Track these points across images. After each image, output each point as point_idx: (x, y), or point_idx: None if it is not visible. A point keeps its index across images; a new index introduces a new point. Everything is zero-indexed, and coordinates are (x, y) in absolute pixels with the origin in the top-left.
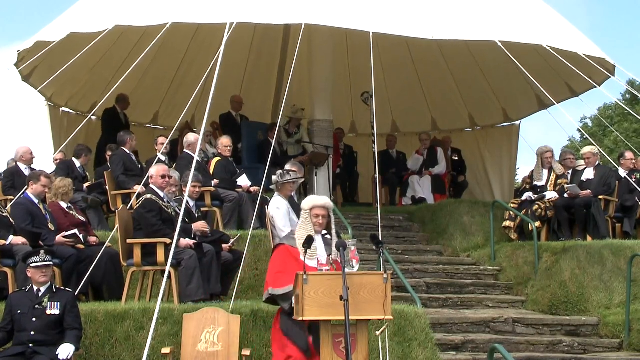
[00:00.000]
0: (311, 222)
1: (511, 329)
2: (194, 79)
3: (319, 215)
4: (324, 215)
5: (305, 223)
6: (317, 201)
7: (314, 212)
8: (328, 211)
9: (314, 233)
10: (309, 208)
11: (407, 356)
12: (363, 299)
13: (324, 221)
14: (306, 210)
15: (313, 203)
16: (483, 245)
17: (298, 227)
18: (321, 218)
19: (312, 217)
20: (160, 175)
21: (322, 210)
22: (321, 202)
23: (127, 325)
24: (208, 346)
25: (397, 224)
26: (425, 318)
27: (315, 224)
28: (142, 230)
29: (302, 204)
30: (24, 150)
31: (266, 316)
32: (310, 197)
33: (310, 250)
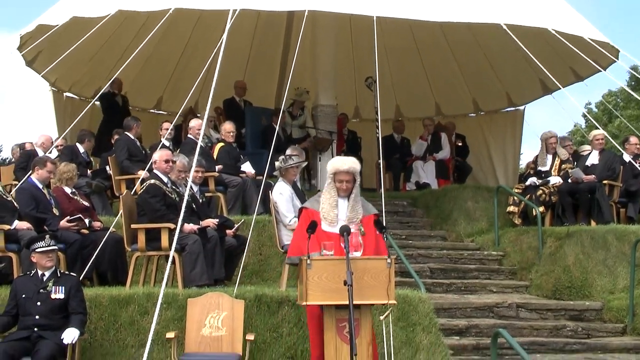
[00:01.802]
0: (335, 186)
1: (515, 313)
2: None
3: (342, 180)
4: (349, 180)
5: (329, 188)
6: (341, 165)
7: (338, 177)
8: (353, 175)
9: (337, 198)
10: (332, 173)
11: (410, 341)
12: (367, 283)
13: (349, 186)
14: (330, 175)
15: (337, 167)
16: (487, 230)
17: (324, 190)
18: (345, 183)
19: (335, 182)
20: (164, 160)
21: (346, 175)
22: (345, 167)
23: (132, 310)
24: (212, 331)
25: (401, 209)
26: (429, 303)
27: (339, 189)
28: (146, 215)
29: (327, 167)
30: (46, 138)
31: (270, 301)
32: (335, 159)
33: (332, 216)
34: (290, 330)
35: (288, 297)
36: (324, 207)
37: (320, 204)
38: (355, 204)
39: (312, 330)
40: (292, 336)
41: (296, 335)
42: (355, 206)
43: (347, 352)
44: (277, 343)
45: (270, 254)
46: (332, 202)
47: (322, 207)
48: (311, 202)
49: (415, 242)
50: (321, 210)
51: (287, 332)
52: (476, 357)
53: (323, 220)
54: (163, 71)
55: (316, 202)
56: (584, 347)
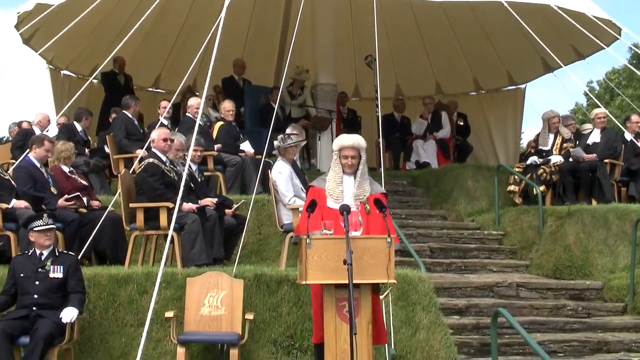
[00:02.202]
0: (340, 163)
1: (515, 293)
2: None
3: (347, 156)
4: (354, 155)
5: (335, 164)
6: (346, 141)
7: (343, 153)
8: (359, 151)
9: (342, 175)
10: (338, 149)
11: (410, 320)
12: (366, 263)
13: (355, 162)
14: (335, 152)
15: (341, 143)
16: (487, 209)
17: (330, 168)
18: (350, 159)
19: (341, 158)
20: (162, 138)
21: (351, 151)
22: (350, 142)
23: (131, 289)
24: (211, 310)
25: (401, 189)
26: (428, 282)
27: (344, 165)
28: (145, 194)
29: (333, 144)
30: (43, 117)
31: (269, 280)
32: (341, 136)
33: (337, 192)
34: (289, 309)
35: (287, 277)
36: (329, 184)
37: (327, 181)
38: (363, 180)
39: (316, 310)
40: (291, 316)
41: (296, 315)
42: (362, 183)
43: (346, 331)
44: (276, 322)
45: (270, 233)
46: (337, 178)
47: (327, 184)
48: (318, 181)
49: (415, 221)
50: (327, 187)
51: (287, 311)
52: (476, 337)
53: (329, 197)
54: (161, 49)
55: (323, 181)
56: (584, 326)
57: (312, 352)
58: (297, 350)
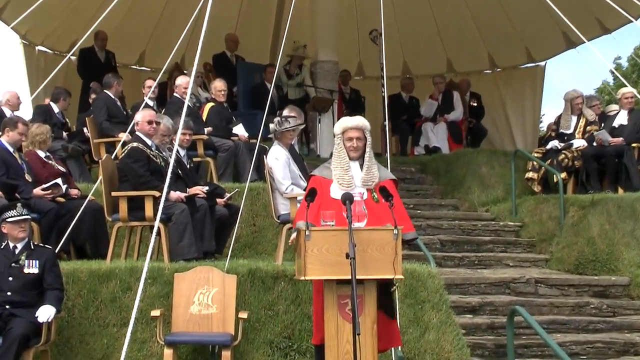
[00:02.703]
0: (344, 147)
1: (533, 290)
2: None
3: (352, 138)
4: (359, 137)
5: (338, 150)
6: (349, 122)
7: (347, 135)
8: (364, 132)
9: (348, 159)
10: (341, 131)
11: (419, 319)
12: (371, 256)
13: (360, 144)
14: (338, 135)
15: (344, 125)
16: (503, 198)
17: (333, 154)
18: (355, 141)
19: (345, 141)
20: (147, 121)
21: (356, 132)
22: (354, 122)
23: (113, 286)
24: (201, 308)
25: (409, 176)
26: (439, 278)
27: (349, 149)
28: (128, 181)
29: (334, 128)
30: (11, 95)
31: (265, 276)
32: (343, 118)
33: (346, 179)
34: (287, 308)
35: (285, 272)
36: (336, 172)
37: (332, 169)
38: (371, 165)
39: (317, 308)
40: (289, 314)
41: (293, 314)
42: (370, 168)
43: (349, 331)
44: (272, 322)
45: (265, 224)
46: (344, 164)
47: (334, 172)
48: (320, 169)
49: (425, 211)
50: (335, 175)
51: (284, 310)
52: (490, 337)
53: (337, 186)
54: (146, 23)
55: (326, 169)
56: (609, 326)
57: (311, 354)
58: (295, 352)
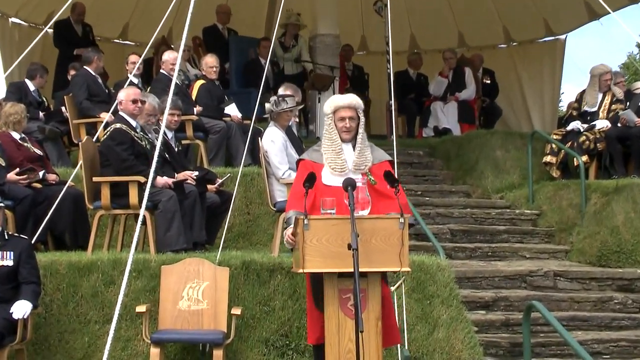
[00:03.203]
0: (336, 128)
1: (552, 283)
2: None
3: (344, 117)
4: (352, 116)
5: (329, 131)
6: (341, 100)
7: (339, 115)
8: (357, 111)
9: (340, 141)
10: (332, 111)
11: (427, 316)
12: (375, 247)
13: (352, 125)
14: (329, 115)
15: (336, 103)
16: (519, 184)
17: (323, 136)
18: (348, 121)
19: (336, 121)
20: (131, 100)
21: (348, 111)
22: (346, 101)
23: (95, 280)
24: (191, 304)
25: (417, 160)
26: (449, 271)
27: (341, 130)
28: (111, 166)
29: (324, 107)
30: None
31: (260, 269)
32: (333, 97)
33: (339, 164)
34: (283, 303)
35: (281, 264)
36: (327, 155)
37: (323, 153)
38: (364, 147)
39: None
40: (286, 310)
41: (291, 310)
42: (363, 150)
43: (351, 328)
44: (268, 318)
45: (260, 213)
46: (336, 147)
47: (325, 155)
48: (309, 152)
49: (434, 199)
50: (325, 160)
51: (280, 305)
52: (505, 335)
53: (331, 171)
54: None
55: (315, 152)
56: (634, 323)
57: (310, 354)
58: (293, 351)
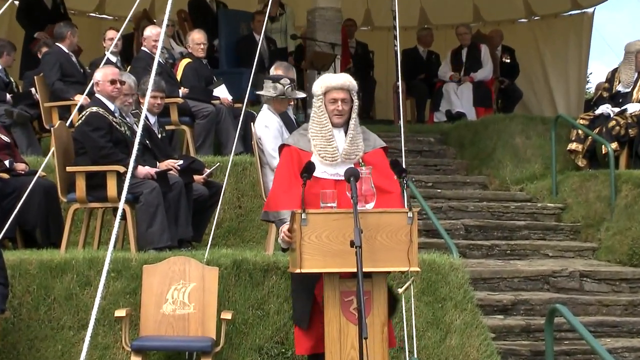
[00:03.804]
0: (326, 111)
1: (578, 285)
2: None
3: (336, 99)
4: (345, 99)
5: (318, 114)
6: (333, 80)
7: (330, 97)
8: (350, 93)
9: (331, 126)
10: (322, 91)
11: (438, 321)
12: (381, 245)
13: (345, 108)
14: (319, 96)
15: (327, 83)
16: (541, 175)
17: (311, 120)
18: (340, 104)
19: (327, 103)
20: (109, 80)
21: (341, 93)
22: (339, 81)
23: (69, 281)
24: (176, 307)
25: (427, 148)
26: (463, 271)
27: (332, 113)
28: (87, 154)
29: (313, 87)
30: None
31: (252, 269)
32: (324, 76)
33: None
34: (279, 307)
35: (276, 264)
36: (317, 142)
37: (311, 139)
38: (356, 134)
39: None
40: (281, 315)
41: (287, 314)
42: (355, 138)
43: (354, 334)
44: (262, 324)
45: (253, 206)
46: (327, 133)
47: (314, 142)
48: (295, 137)
49: (446, 191)
50: (314, 147)
51: (276, 309)
52: (526, 342)
53: (320, 160)
54: None
55: (302, 138)
56: None
57: None
58: (289, 359)
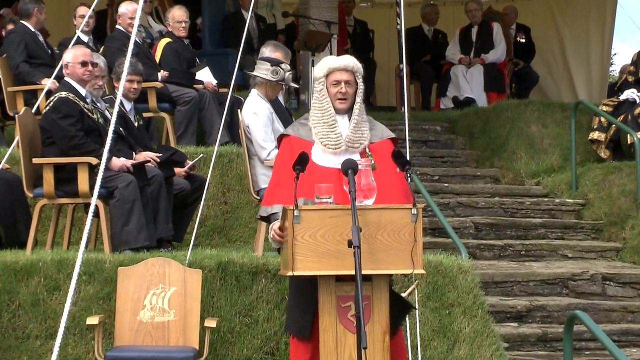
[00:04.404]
0: (328, 95)
1: (600, 289)
2: None
3: (339, 81)
4: (348, 81)
5: (320, 99)
6: (336, 61)
7: (333, 78)
8: (354, 75)
9: (333, 111)
10: (325, 74)
11: (445, 328)
12: (382, 245)
13: (349, 91)
14: (320, 79)
15: (329, 65)
16: (560, 167)
17: (312, 106)
18: (344, 86)
19: (329, 86)
20: (80, 62)
21: (344, 74)
22: (342, 62)
23: (35, 285)
24: (155, 314)
25: (433, 138)
26: (473, 274)
27: (335, 97)
28: (55, 144)
29: (314, 70)
30: None
31: (239, 271)
32: (326, 58)
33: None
34: (269, 313)
35: (266, 266)
36: (318, 129)
37: (312, 127)
38: (361, 121)
39: None
40: (271, 322)
41: (278, 322)
42: (359, 125)
43: (352, 343)
44: (250, 332)
45: (240, 202)
46: (329, 119)
47: (315, 130)
48: (295, 127)
49: (454, 185)
50: (316, 134)
51: (265, 316)
52: (542, 352)
53: (322, 149)
54: None
55: (302, 127)
56: None
57: None
58: None
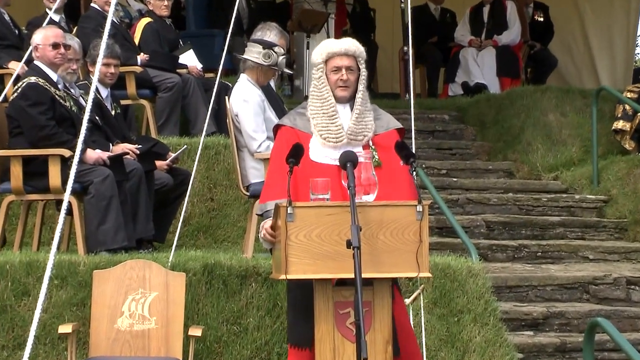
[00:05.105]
0: (327, 82)
1: (624, 294)
2: None
3: (339, 67)
4: (350, 66)
5: (319, 87)
6: (336, 45)
7: (333, 64)
8: (357, 61)
9: (334, 101)
10: (324, 59)
11: (454, 337)
12: (384, 245)
13: (352, 77)
14: (319, 65)
15: (329, 49)
16: (580, 160)
17: (310, 94)
18: (345, 72)
19: (328, 73)
20: (52, 44)
21: (345, 59)
22: (342, 46)
23: (2, 290)
24: (134, 322)
25: (440, 128)
26: (484, 278)
27: (335, 85)
28: (24, 135)
29: (313, 55)
30: None
31: (227, 275)
32: (325, 41)
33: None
34: (259, 321)
35: (256, 269)
36: (317, 120)
37: (310, 117)
38: (364, 110)
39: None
40: (262, 331)
41: (269, 329)
42: (362, 115)
43: (352, 354)
44: (239, 341)
45: (228, 199)
46: (329, 109)
47: (314, 120)
48: (291, 116)
49: (463, 179)
50: (314, 126)
51: (255, 324)
52: None
53: (322, 142)
54: None
55: (300, 117)
56: None
57: None
58: None
